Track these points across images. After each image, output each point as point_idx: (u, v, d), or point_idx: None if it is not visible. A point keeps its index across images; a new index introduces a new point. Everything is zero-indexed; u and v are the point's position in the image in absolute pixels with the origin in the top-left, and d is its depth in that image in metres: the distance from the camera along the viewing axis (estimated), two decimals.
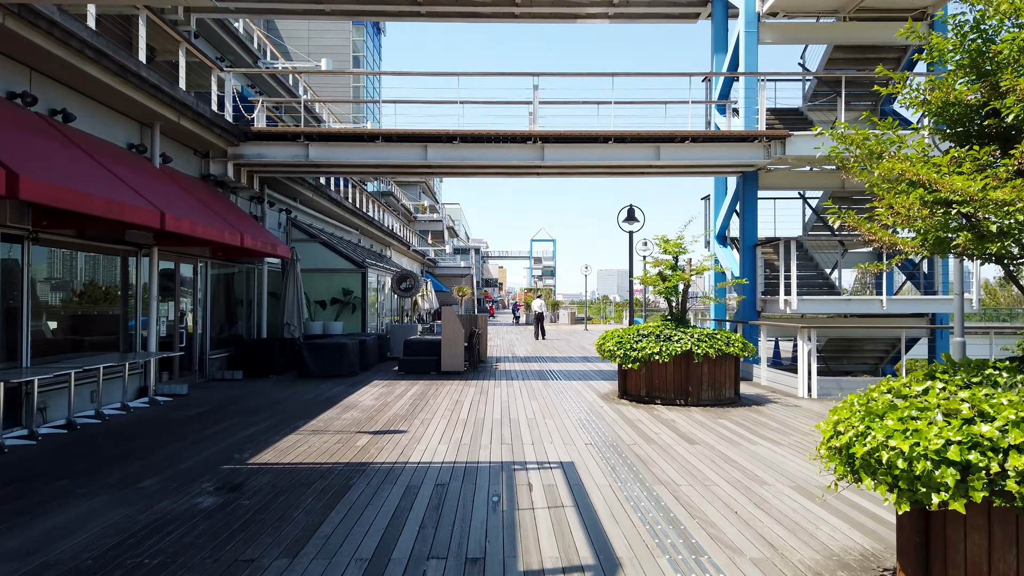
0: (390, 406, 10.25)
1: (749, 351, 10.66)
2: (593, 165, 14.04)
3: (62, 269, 9.71)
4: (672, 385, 10.45)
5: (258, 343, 14.46)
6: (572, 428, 8.56)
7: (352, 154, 13.55)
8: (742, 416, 9.50)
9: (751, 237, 14.79)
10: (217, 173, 13.32)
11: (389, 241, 34.09)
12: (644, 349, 10.37)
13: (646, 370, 10.56)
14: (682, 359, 10.37)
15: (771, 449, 7.40)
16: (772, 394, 11.74)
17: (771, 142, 13.46)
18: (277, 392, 11.83)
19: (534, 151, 13.60)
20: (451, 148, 13.55)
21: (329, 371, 14.08)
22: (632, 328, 11.00)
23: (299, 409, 9.98)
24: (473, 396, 11.33)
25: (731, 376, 10.74)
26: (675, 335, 10.46)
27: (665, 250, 11.26)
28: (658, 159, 13.58)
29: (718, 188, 17.30)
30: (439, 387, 12.44)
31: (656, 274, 11.18)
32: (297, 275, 16.01)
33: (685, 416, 9.44)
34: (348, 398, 11.05)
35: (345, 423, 8.81)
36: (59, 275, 9.69)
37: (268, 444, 7.53)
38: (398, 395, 11.41)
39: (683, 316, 11.05)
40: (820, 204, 16.71)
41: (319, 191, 18.78)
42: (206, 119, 11.65)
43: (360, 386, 12.58)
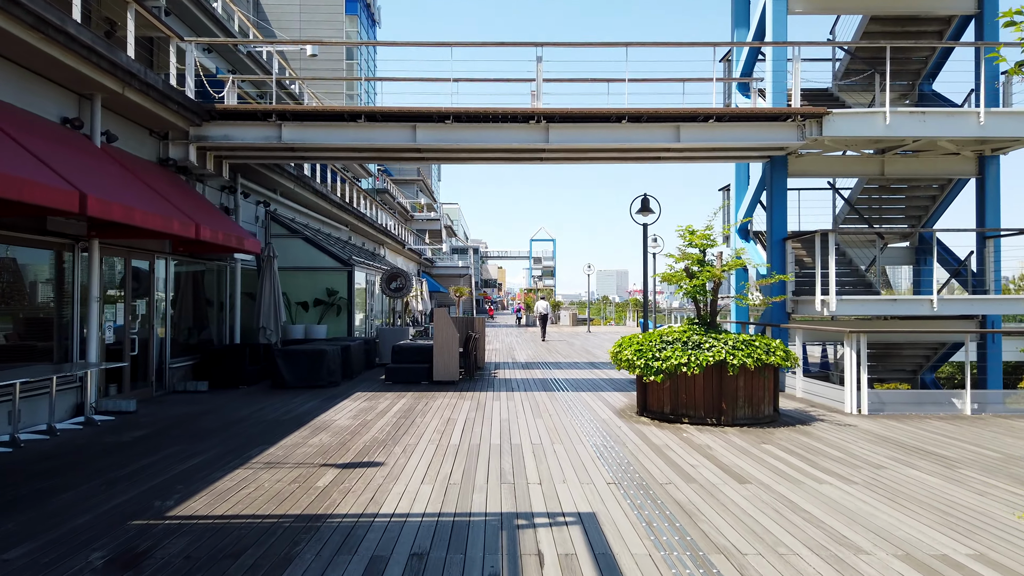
0: (369, 426, 8.65)
1: (792, 361, 9.07)
2: (604, 148, 12.44)
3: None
4: (702, 401, 8.85)
5: (226, 350, 12.86)
6: (588, 458, 6.96)
7: (331, 135, 11.94)
8: (789, 440, 7.90)
9: (780, 230, 13.19)
10: (177, 157, 11.72)
11: (383, 239, 32.49)
12: (669, 359, 8.77)
13: (671, 383, 8.96)
14: (714, 371, 8.77)
15: (845, 491, 5.80)
16: (812, 409, 10.15)
17: (806, 121, 11.87)
18: (241, 407, 10.23)
19: (537, 132, 12.00)
20: (444, 129, 11.95)
21: (306, 381, 12.47)
22: (653, 333, 9.41)
23: (260, 431, 8.37)
24: (468, 412, 9.74)
25: (770, 390, 9.15)
26: (706, 342, 8.87)
27: (691, 242, 9.66)
28: (678, 141, 11.98)
29: (739, 178, 15.71)
30: (429, 400, 10.84)
31: (681, 270, 9.58)
32: (274, 273, 14.42)
33: (721, 440, 7.85)
34: (321, 416, 9.44)
35: (310, 452, 7.21)
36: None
37: (205, 484, 5.92)
38: (380, 411, 9.80)
39: (713, 319, 9.46)
40: (854, 194, 15.10)
41: (301, 182, 17.18)
42: (157, 91, 10.04)
43: (339, 400, 10.97)
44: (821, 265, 12.00)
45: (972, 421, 9.27)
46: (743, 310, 15.53)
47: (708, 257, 9.64)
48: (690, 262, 9.48)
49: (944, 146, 12.66)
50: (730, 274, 11.86)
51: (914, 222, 15.37)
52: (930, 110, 12.11)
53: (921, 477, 6.27)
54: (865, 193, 15.05)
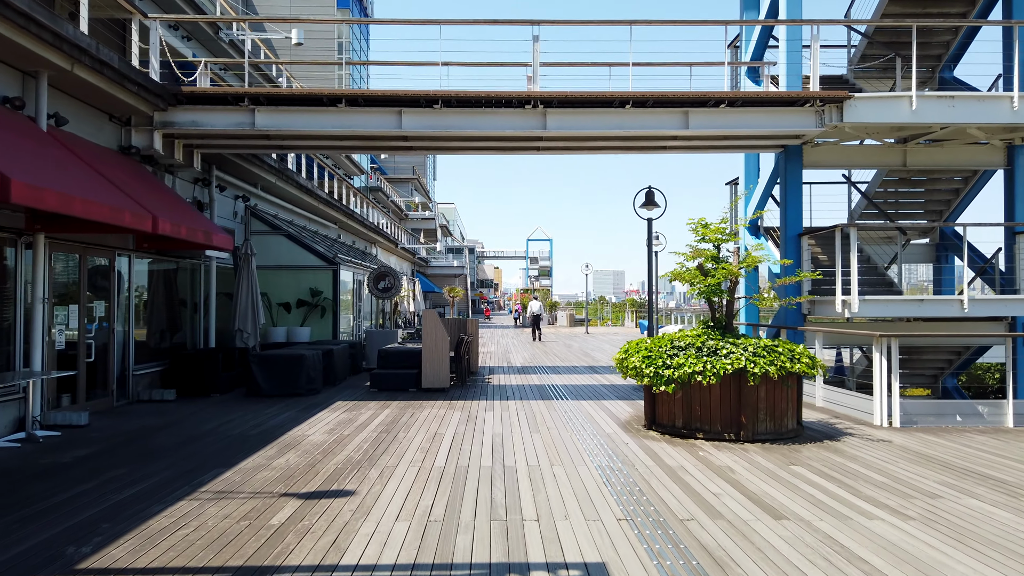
0: (345, 443, 7.68)
1: (819, 369, 8.13)
2: (606, 136, 11.49)
3: None
4: (719, 414, 7.90)
5: (197, 355, 11.86)
6: (593, 484, 6.00)
7: (309, 121, 10.96)
8: (820, 460, 6.95)
9: (795, 225, 12.27)
10: (141, 145, 10.73)
11: (374, 238, 31.51)
12: (682, 367, 7.82)
13: (684, 394, 8.01)
14: (732, 380, 7.83)
15: (902, 530, 4.85)
16: (837, 420, 9.22)
17: (825, 106, 10.93)
18: (207, 420, 9.25)
19: (534, 118, 11.04)
20: (432, 114, 10.98)
21: (283, 389, 11.49)
22: (663, 338, 8.46)
23: (221, 449, 7.40)
24: (457, 425, 8.77)
25: (794, 402, 8.21)
26: (723, 348, 7.92)
27: (703, 237, 8.72)
28: (686, 127, 11.04)
29: (749, 170, 14.78)
30: (416, 411, 9.88)
31: (694, 267, 8.63)
32: (252, 272, 13.45)
33: (743, 460, 6.90)
34: (294, 430, 8.47)
35: (271, 477, 6.24)
36: None
37: (136, 522, 4.95)
38: (360, 425, 8.84)
39: (730, 322, 8.51)
40: (872, 187, 14.18)
41: (283, 175, 16.19)
42: (113, 70, 9.05)
43: (317, 410, 10.00)
44: (842, 263, 11.07)
45: (1018, 435, 8.34)
46: (752, 311, 14.59)
47: (723, 253, 8.70)
48: (703, 259, 8.53)
49: (973, 134, 11.75)
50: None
51: (934, 217, 14.46)
52: (959, 94, 11.19)
53: (985, 509, 5.33)
54: (882, 187, 14.12)
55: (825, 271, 12.64)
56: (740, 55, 14.84)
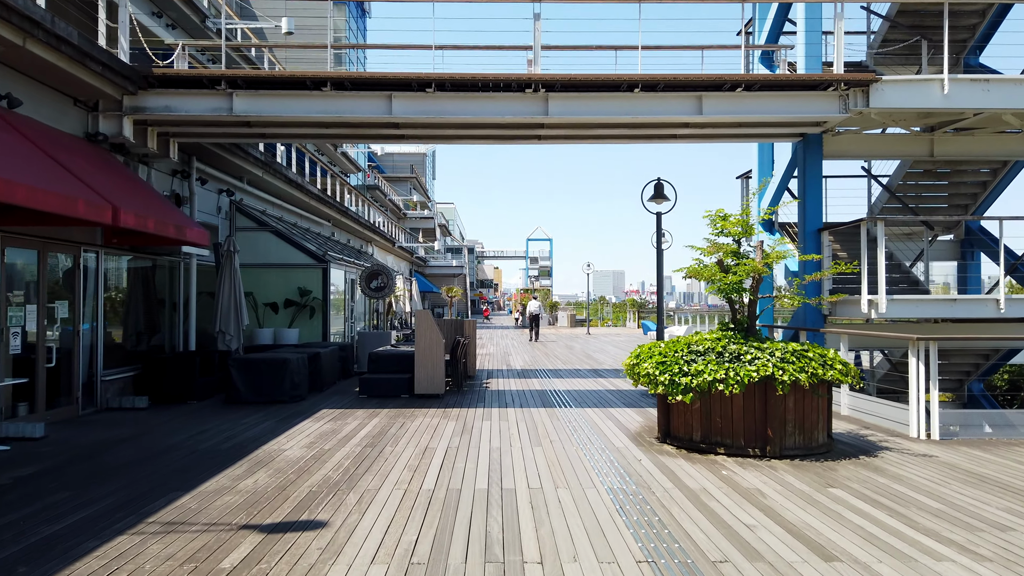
0: (324, 460, 6.85)
1: (852, 375, 7.30)
2: (612, 123, 10.68)
3: None
4: (742, 427, 7.08)
5: (173, 359, 11.03)
6: (605, 514, 5.18)
7: (292, 106, 10.14)
8: (861, 480, 6.13)
9: (814, 220, 11.45)
10: (110, 132, 9.91)
11: (371, 236, 30.69)
12: (701, 374, 7.00)
13: (703, 404, 7.19)
14: (757, 389, 7.01)
15: (980, 575, 4.03)
16: (868, 432, 8.40)
17: (850, 90, 10.11)
18: (177, 431, 8.42)
19: (535, 103, 10.22)
20: (425, 99, 10.16)
21: (265, 396, 10.67)
22: (679, 341, 7.63)
23: (183, 467, 6.58)
24: (451, 438, 7.95)
25: (824, 413, 7.39)
26: (747, 353, 7.10)
27: (722, 230, 7.89)
28: (699, 113, 10.22)
29: (763, 162, 13.96)
30: (407, 420, 9.06)
31: (714, 263, 7.80)
32: (234, 270, 12.62)
33: (774, 481, 6.08)
34: (269, 444, 7.65)
35: (233, 503, 5.42)
36: None
37: (61, 566, 4.13)
38: (344, 437, 8.01)
39: (752, 324, 7.68)
40: (894, 180, 13.35)
41: (270, 168, 15.36)
42: (72, 47, 8.23)
43: (299, 419, 9.18)
44: (869, 260, 10.24)
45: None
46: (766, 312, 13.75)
47: (744, 247, 7.88)
48: (723, 254, 7.70)
49: (1007, 121, 10.92)
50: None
51: (959, 212, 13.64)
52: (994, 78, 10.38)
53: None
54: (905, 179, 13.30)
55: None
56: (753, 41, 14.02)
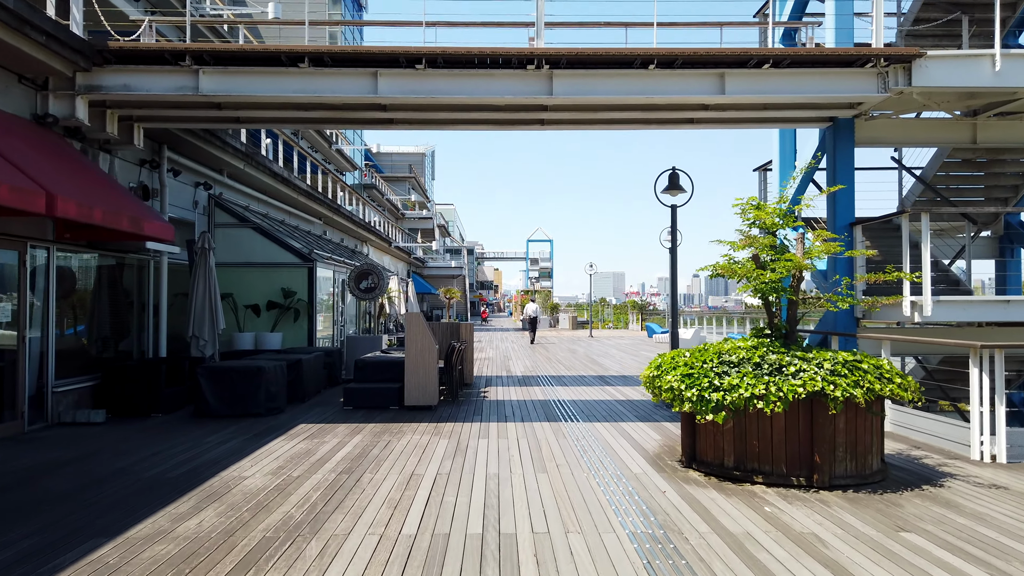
0: (289, 492, 5.77)
1: (911, 391, 6.21)
2: (624, 105, 9.62)
3: None
4: (784, 451, 5.99)
5: (136, 367, 9.94)
6: (629, 570, 4.10)
7: (265, 85, 9.07)
8: (935, 520, 5.05)
9: (846, 213, 10.38)
10: (61, 113, 8.84)
11: (366, 236, 29.63)
12: (737, 389, 5.92)
13: (737, 424, 6.11)
14: (802, 407, 5.93)
15: None
16: (919, 453, 7.31)
17: (889, 67, 9.04)
18: (128, 452, 7.34)
19: (537, 81, 9.15)
20: (414, 76, 9.09)
21: (237, 408, 9.59)
22: (708, 350, 6.54)
23: (121, 500, 5.50)
24: (442, 461, 6.87)
25: (879, 434, 6.30)
26: (790, 364, 6.02)
27: (756, 221, 6.81)
28: (721, 93, 9.15)
29: (784, 152, 12.88)
30: (393, 439, 7.98)
31: (748, 259, 6.72)
32: (209, 270, 11.56)
33: (830, 521, 4.99)
34: (230, 469, 6.56)
35: (164, 556, 4.33)
36: None
37: None
38: (318, 460, 6.93)
39: (793, 329, 6.60)
40: (929, 171, 12.26)
41: (252, 160, 14.29)
42: (5, 11, 7.16)
43: (272, 437, 8.10)
44: (911, 258, 9.17)
45: None
46: None
47: (782, 238, 6.81)
48: (758, 248, 6.62)
49: None
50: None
51: (999, 204, 12.56)
52: None
53: None
54: (942, 169, 12.22)
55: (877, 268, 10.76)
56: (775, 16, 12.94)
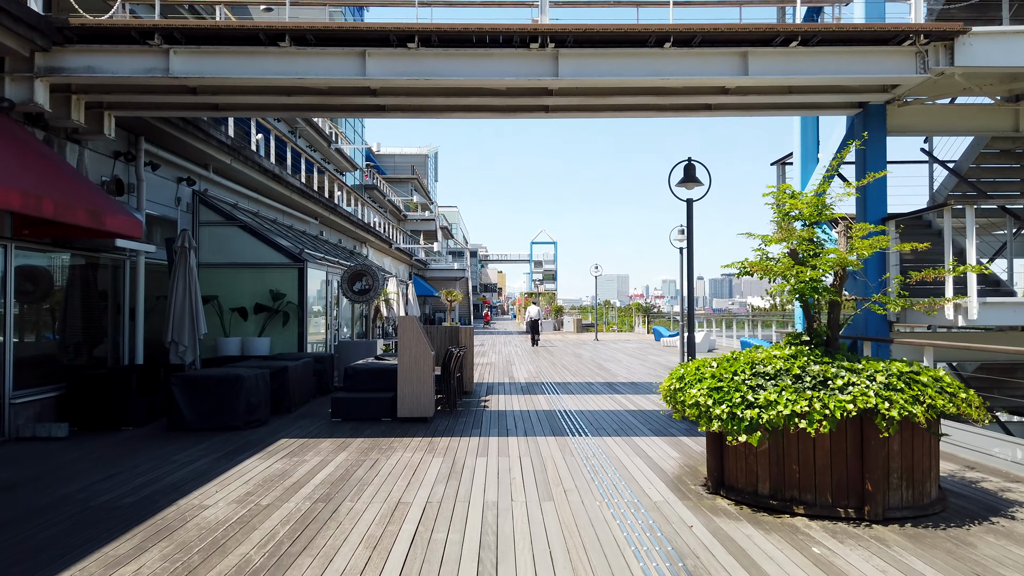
0: (252, 528, 4.95)
1: (976, 407, 5.35)
2: (636, 88, 8.80)
3: None
4: (830, 477, 5.15)
5: (104, 377, 9.13)
6: None
7: (243, 66, 8.26)
8: (1018, 565, 4.20)
9: (878, 208, 9.54)
10: (18, 98, 8.05)
11: (365, 237, 28.86)
12: (775, 406, 5.08)
13: (773, 446, 5.27)
14: (850, 426, 5.09)
15: None
16: (976, 475, 6.46)
17: (930, 44, 8.20)
18: (82, 473, 6.53)
19: (541, 61, 8.33)
20: (406, 56, 8.28)
21: (215, 421, 8.78)
22: (737, 359, 5.70)
23: (51, 540, 4.68)
24: (434, 486, 6.05)
25: (936, 457, 5.46)
26: (836, 376, 5.18)
27: (790, 211, 5.97)
28: (744, 74, 8.31)
29: (806, 144, 12.03)
30: (381, 457, 7.15)
31: (783, 254, 5.88)
32: (190, 270, 10.75)
33: (893, 567, 4.15)
34: (191, 495, 5.75)
35: None
36: None
37: None
38: (293, 485, 6.10)
39: (835, 336, 5.76)
40: (964, 163, 11.40)
41: (240, 156, 13.50)
42: None
43: (245, 455, 7.28)
44: (955, 255, 8.31)
45: None
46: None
47: (821, 232, 5.97)
48: (796, 241, 5.78)
49: None
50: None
51: None
52: None
53: None
54: (977, 161, 11.35)
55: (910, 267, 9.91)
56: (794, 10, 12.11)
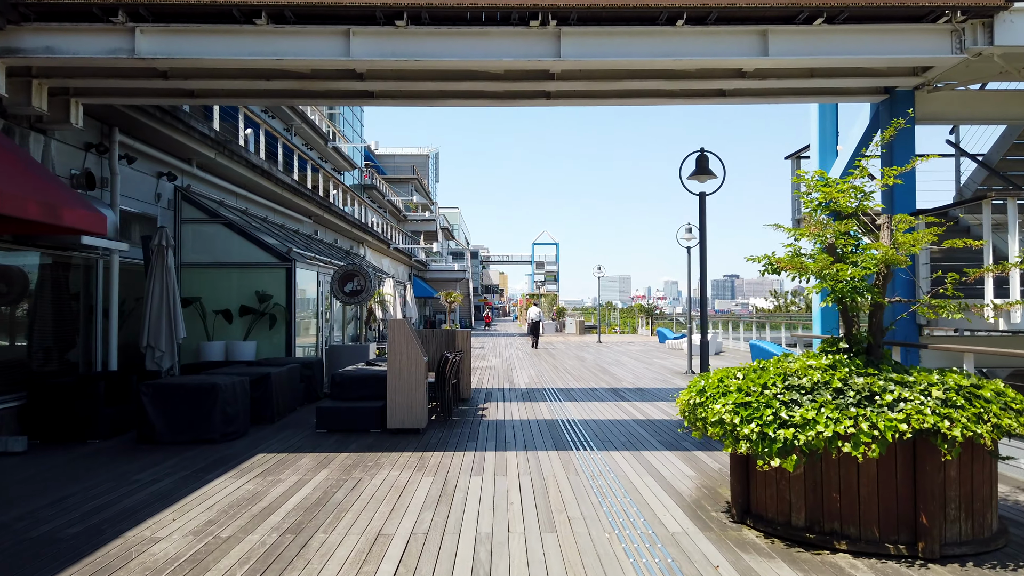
0: (207, 567, 4.25)
1: None
2: (645, 70, 8.11)
3: None
4: (876, 508, 4.44)
5: (68, 385, 8.43)
6: None
7: (215, 46, 7.57)
8: None
9: (906, 203, 8.83)
10: None
11: (362, 237, 28.19)
12: (813, 426, 4.37)
13: (810, 470, 4.56)
14: (900, 448, 4.38)
15: None
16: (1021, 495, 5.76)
17: (967, 22, 7.49)
18: (27, 497, 5.83)
19: (543, 41, 7.63)
20: (394, 36, 7.58)
21: (188, 433, 8.08)
22: (766, 369, 4.99)
23: None
24: (420, 513, 5.34)
25: (994, 481, 4.74)
26: (883, 388, 4.47)
27: (827, 201, 5.26)
28: (764, 55, 7.61)
29: (824, 135, 11.32)
30: (365, 476, 6.45)
31: (819, 251, 5.17)
32: (167, 270, 10.08)
33: None
34: (140, 526, 5.05)
35: None
36: None
37: None
38: (263, 511, 5.40)
39: (879, 343, 5.04)
40: (994, 156, 10.68)
41: (226, 150, 12.81)
42: None
43: (215, 474, 6.58)
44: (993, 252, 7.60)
45: None
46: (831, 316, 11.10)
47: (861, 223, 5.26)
48: (833, 234, 5.06)
49: None
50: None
51: None
52: None
53: None
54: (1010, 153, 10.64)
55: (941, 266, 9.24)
56: None
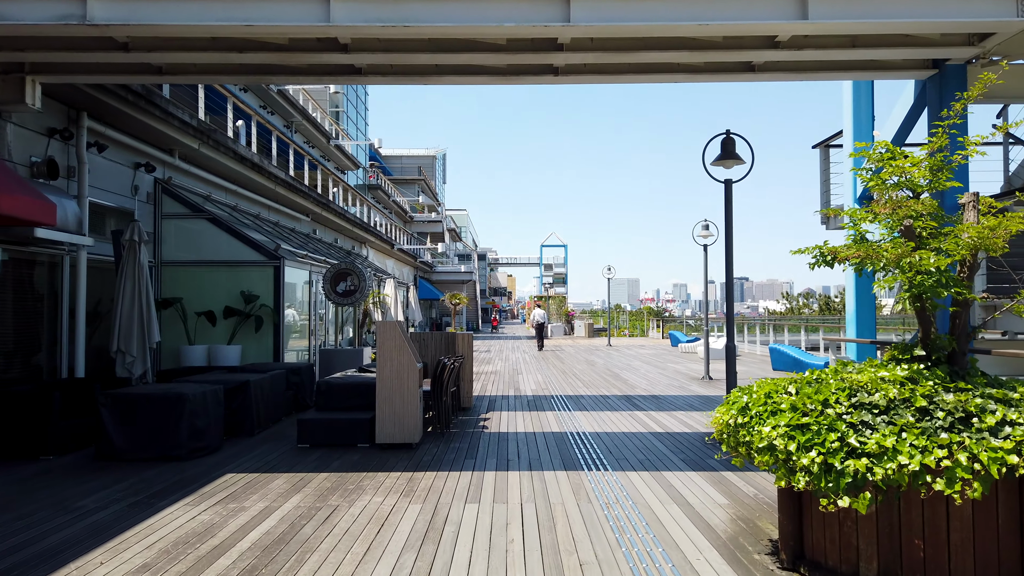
0: None
1: None
2: (665, 39, 7.16)
3: None
4: (974, 557, 3.48)
5: (20, 395, 7.55)
6: None
7: (179, 12, 6.68)
8: None
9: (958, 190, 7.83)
10: None
11: (365, 237, 27.36)
12: (893, 456, 3.42)
13: (884, 509, 3.61)
14: (1007, 487, 3.43)
15: None
16: None
17: None
18: None
19: (550, 4, 6.71)
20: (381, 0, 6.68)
21: (151, 449, 7.20)
22: (827, 383, 4.04)
23: None
24: (400, 556, 4.42)
25: None
26: (980, 407, 3.52)
27: (899, 177, 4.32)
28: (803, 18, 6.66)
29: (859, 119, 10.34)
30: (342, 503, 5.54)
31: (896, 238, 4.22)
32: (140, 268, 9.22)
33: None
34: (64, 570, 4.15)
35: None
36: None
37: None
38: (213, 552, 4.49)
39: (963, 348, 4.08)
40: None
41: (209, 139, 11.96)
42: None
43: (170, 499, 5.68)
44: None
45: None
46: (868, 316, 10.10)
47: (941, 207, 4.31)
48: (909, 214, 4.11)
49: None
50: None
51: None
52: None
53: None
54: None
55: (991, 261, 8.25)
56: None
